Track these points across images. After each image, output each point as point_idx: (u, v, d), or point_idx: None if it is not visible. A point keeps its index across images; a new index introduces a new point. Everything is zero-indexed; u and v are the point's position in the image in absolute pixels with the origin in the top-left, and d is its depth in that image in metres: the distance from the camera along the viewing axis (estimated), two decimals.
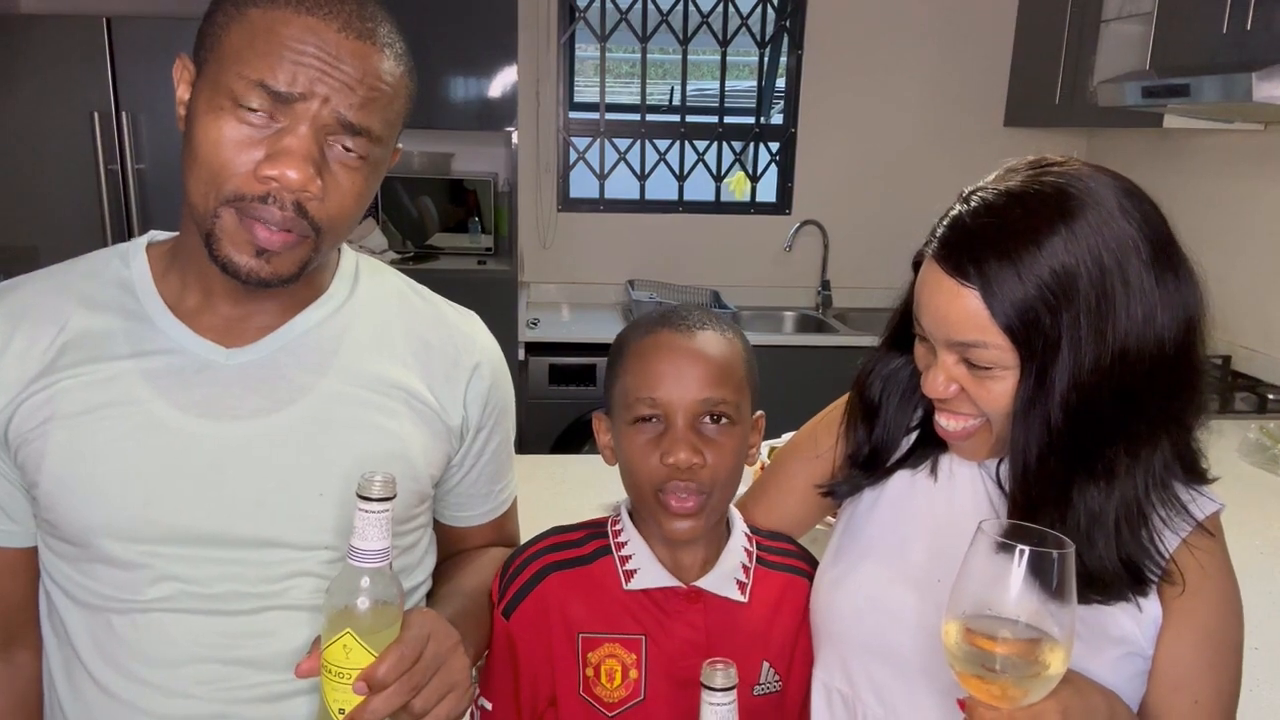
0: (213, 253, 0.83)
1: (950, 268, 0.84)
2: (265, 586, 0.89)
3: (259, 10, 0.81)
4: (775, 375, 3.44)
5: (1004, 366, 0.84)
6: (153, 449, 0.87)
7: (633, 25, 3.80)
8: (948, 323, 0.85)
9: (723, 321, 1.01)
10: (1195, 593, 0.87)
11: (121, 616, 0.89)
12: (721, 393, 0.95)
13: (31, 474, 0.88)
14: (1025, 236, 0.81)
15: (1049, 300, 0.80)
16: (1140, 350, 0.81)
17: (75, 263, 0.95)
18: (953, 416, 0.90)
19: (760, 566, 1.03)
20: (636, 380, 0.96)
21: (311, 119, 0.80)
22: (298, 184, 0.80)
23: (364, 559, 0.76)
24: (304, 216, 0.82)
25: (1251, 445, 2.24)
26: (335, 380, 0.92)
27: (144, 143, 3.12)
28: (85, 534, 0.87)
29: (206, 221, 0.83)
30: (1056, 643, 0.72)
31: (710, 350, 0.96)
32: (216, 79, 0.81)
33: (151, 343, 0.89)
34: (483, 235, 3.63)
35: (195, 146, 0.81)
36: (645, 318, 1.02)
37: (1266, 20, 2.35)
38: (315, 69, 0.80)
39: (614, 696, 0.98)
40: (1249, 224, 2.96)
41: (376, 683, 0.76)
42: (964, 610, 0.75)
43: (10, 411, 0.87)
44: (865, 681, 0.97)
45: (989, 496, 0.95)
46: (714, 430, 0.96)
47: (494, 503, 1.10)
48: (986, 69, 3.81)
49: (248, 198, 0.81)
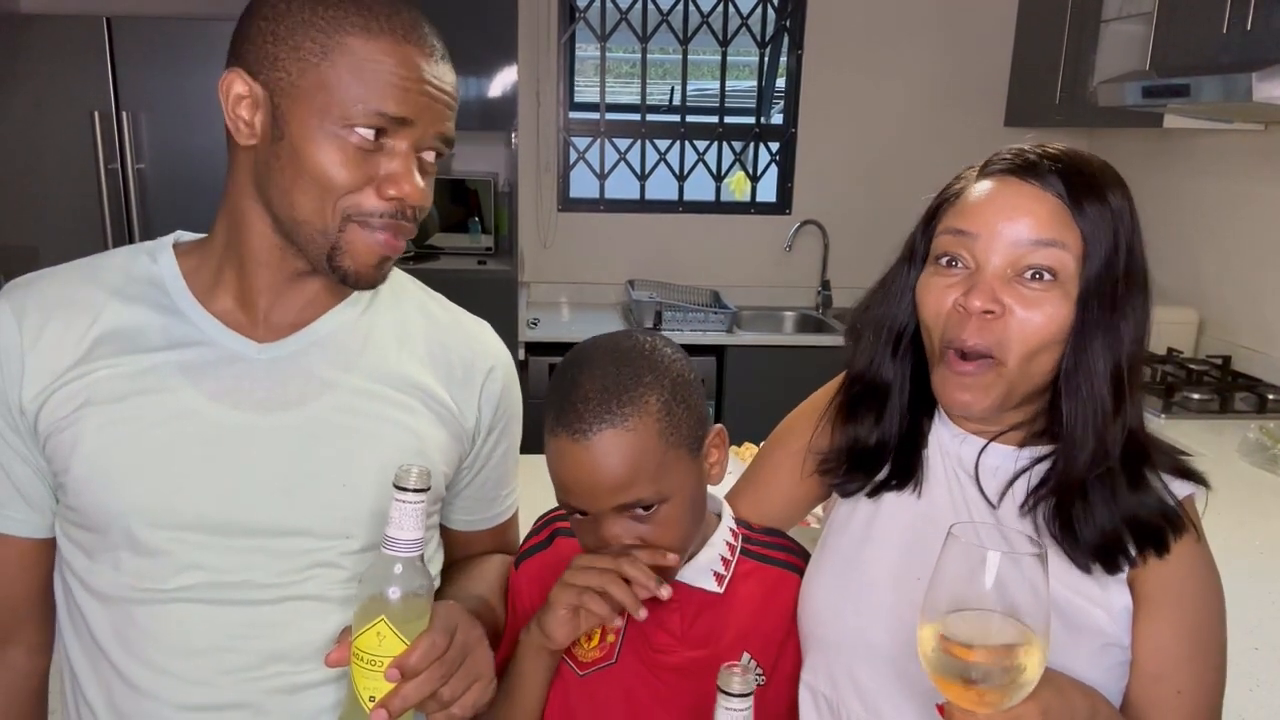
0: (335, 264, 0.89)
1: (1033, 176, 0.87)
2: (286, 577, 0.91)
3: (360, 40, 0.84)
4: (775, 375, 3.47)
5: (1061, 281, 0.85)
6: (184, 437, 0.89)
7: (633, 25, 3.80)
8: (1025, 220, 0.86)
9: (629, 391, 0.90)
10: (1172, 579, 0.87)
11: (143, 607, 0.90)
12: (635, 493, 0.90)
13: (64, 460, 0.89)
14: (1100, 174, 0.88)
15: (1114, 231, 0.86)
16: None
17: (102, 257, 0.97)
18: (981, 345, 0.86)
19: (748, 559, 1.03)
20: (556, 480, 0.93)
21: (416, 139, 0.87)
22: (420, 199, 0.88)
23: (399, 548, 0.79)
24: (415, 221, 0.91)
25: (1251, 445, 2.24)
26: (360, 377, 0.95)
27: (144, 142, 3.12)
28: (112, 520, 0.89)
29: (330, 236, 0.87)
30: (1032, 645, 0.72)
31: (612, 457, 0.88)
32: (325, 106, 0.84)
33: (185, 336, 0.92)
34: (483, 235, 3.64)
35: (305, 166, 0.85)
36: (558, 387, 0.93)
37: (1266, 20, 2.35)
38: (425, 95, 0.87)
39: (588, 656, 1.00)
40: (1249, 224, 2.96)
41: (409, 670, 0.79)
42: (938, 615, 0.74)
43: (43, 400, 0.89)
44: (848, 683, 0.97)
45: (963, 494, 0.94)
46: (645, 515, 0.91)
47: (498, 509, 1.12)
48: (986, 69, 3.81)
49: (376, 213, 0.87)
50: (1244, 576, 0.92)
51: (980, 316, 0.85)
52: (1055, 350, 0.87)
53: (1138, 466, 0.88)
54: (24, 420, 0.90)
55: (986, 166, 0.91)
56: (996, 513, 0.92)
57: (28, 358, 0.89)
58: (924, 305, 0.91)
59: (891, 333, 0.96)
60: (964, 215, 0.89)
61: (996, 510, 0.92)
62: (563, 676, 1.01)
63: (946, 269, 0.89)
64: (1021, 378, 0.87)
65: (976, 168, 0.92)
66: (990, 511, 0.93)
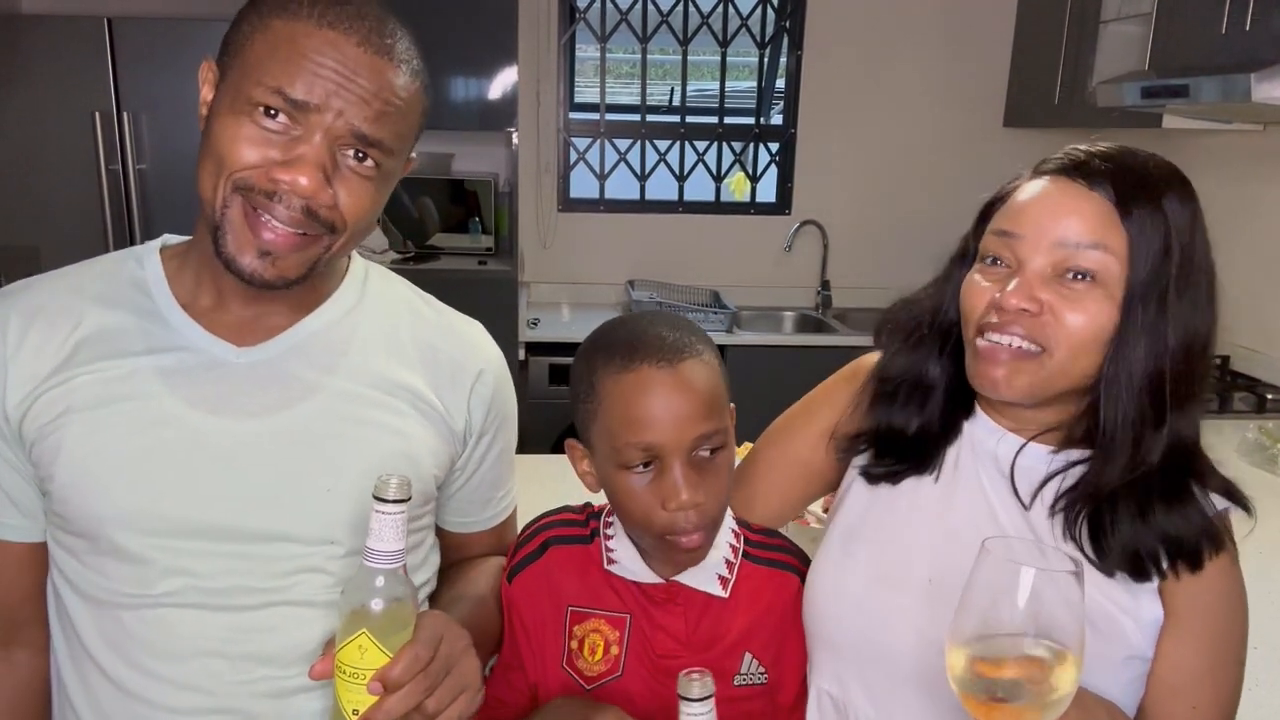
0: (219, 249, 0.85)
1: (1082, 176, 0.86)
2: (272, 582, 0.91)
3: (282, 21, 0.83)
4: (775, 375, 3.46)
5: (1104, 284, 0.84)
6: (165, 443, 0.89)
7: (633, 26, 3.80)
8: (1069, 221, 0.84)
9: (694, 333, 0.96)
10: (1204, 596, 0.87)
11: (130, 612, 0.90)
12: (712, 423, 0.91)
13: (47, 467, 0.89)
14: (1157, 178, 0.87)
15: (1165, 236, 0.84)
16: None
17: (89, 264, 0.97)
18: (1009, 334, 0.86)
19: (748, 562, 1.03)
20: (622, 424, 0.91)
21: (326, 130, 0.83)
22: (308, 190, 0.83)
23: (380, 560, 0.77)
24: (313, 218, 0.85)
25: (1251, 445, 2.24)
26: (344, 379, 0.94)
27: (145, 143, 3.12)
28: (97, 526, 0.89)
29: (216, 214, 0.85)
30: (1066, 664, 0.69)
31: (696, 382, 0.91)
32: (239, 84, 0.83)
33: (165, 340, 0.91)
34: (483, 235, 3.64)
35: (211, 143, 0.84)
36: (614, 341, 0.95)
37: (1266, 20, 2.35)
38: (333, 81, 0.82)
39: (594, 670, 0.99)
40: (1248, 224, 2.96)
41: (391, 683, 0.77)
42: (970, 634, 0.71)
43: (26, 407, 0.89)
44: (857, 684, 0.96)
45: (994, 494, 0.94)
46: (708, 460, 0.92)
47: (494, 510, 1.12)
48: (986, 69, 3.81)
49: (256, 189, 0.83)
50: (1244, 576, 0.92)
51: (1017, 313, 0.85)
52: (1098, 352, 0.86)
53: (1181, 479, 0.87)
54: (9, 428, 0.90)
55: (1041, 165, 0.91)
56: (1028, 514, 0.91)
57: (10, 365, 0.89)
58: (964, 300, 0.91)
59: (940, 327, 0.96)
60: (1010, 216, 0.89)
61: (1028, 511, 0.91)
62: (569, 690, 1.00)
63: (990, 268, 0.89)
64: (1062, 374, 0.86)
65: (1032, 168, 0.92)
66: (1022, 513, 0.91)
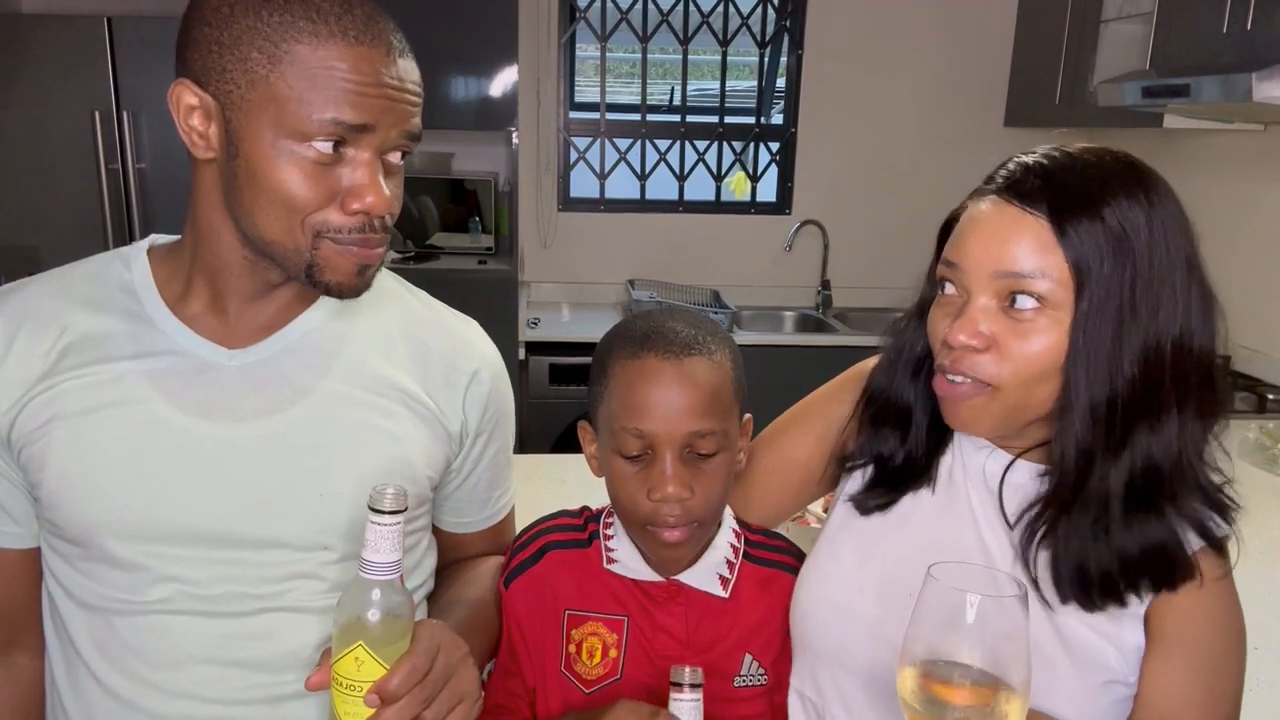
0: (316, 280, 0.86)
1: (1017, 197, 0.82)
2: (265, 588, 0.90)
3: (308, 48, 0.80)
4: (775, 375, 3.46)
5: (1053, 308, 0.81)
6: (155, 449, 0.88)
7: (633, 25, 3.80)
8: (1005, 250, 0.81)
9: (711, 334, 0.97)
10: (1190, 618, 0.85)
11: (123, 618, 0.89)
12: (710, 423, 0.92)
13: (35, 474, 0.88)
14: (1099, 183, 0.82)
15: (1114, 247, 0.80)
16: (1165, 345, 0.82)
17: (76, 266, 0.95)
18: (959, 373, 0.84)
19: (748, 563, 1.02)
20: (622, 408, 0.93)
21: (379, 144, 0.84)
22: (381, 208, 0.85)
23: (376, 571, 0.76)
24: (386, 228, 0.88)
25: (1251, 445, 2.24)
26: (336, 381, 0.93)
27: (145, 142, 3.12)
28: (87, 534, 0.88)
29: (303, 255, 0.85)
30: (1013, 690, 0.69)
31: (698, 378, 0.92)
32: (278, 119, 0.80)
33: (153, 344, 0.90)
34: (483, 235, 3.63)
35: (265, 185, 0.82)
36: (632, 330, 0.97)
37: (1266, 20, 2.35)
38: (383, 98, 0.82)
39: (592, 674, 0.99)
40: (1249, 224, 2.96)
41: (389, 695, 0.76)
42: (918, 657, 0.71)
43: (14, 414, 0.88)
44: (833, 691, 0.96)
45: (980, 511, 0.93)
46: (702, 459, 0.93)
47: (492, 509, 1.11)
48: (986, 69, 3.81)
49: (344, 230, 0.84)
50: (1244, 576, 0.92)
51: (964, 349, 0.83)
52: (1057, 377, 0.83)
53: (1154, 501, 0.84)
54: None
55: (986, 180, 0.88)
56: (1011, 533, 0.90)
57: None
58: (929, 333, 0.90)
59: (911, 354, 0.95)
60: (955, 245, 0.87)
61: (1012, 530, 0.90)
62: (568, 694, 1.00)
63: (947, 297, 0.88)
64: (1021, 406, 0.84)
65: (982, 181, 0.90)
66: (1006, 531, 0.90)
